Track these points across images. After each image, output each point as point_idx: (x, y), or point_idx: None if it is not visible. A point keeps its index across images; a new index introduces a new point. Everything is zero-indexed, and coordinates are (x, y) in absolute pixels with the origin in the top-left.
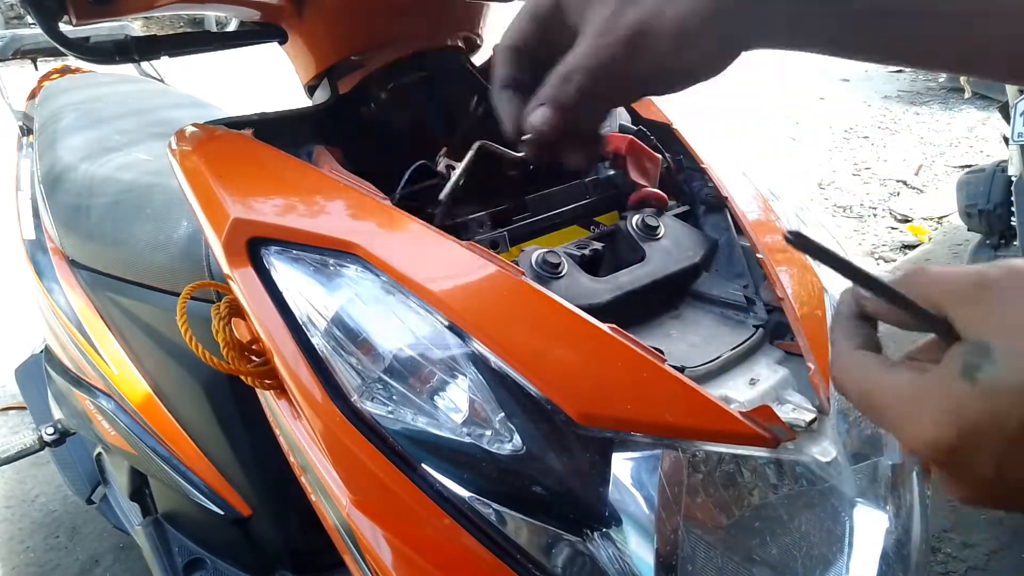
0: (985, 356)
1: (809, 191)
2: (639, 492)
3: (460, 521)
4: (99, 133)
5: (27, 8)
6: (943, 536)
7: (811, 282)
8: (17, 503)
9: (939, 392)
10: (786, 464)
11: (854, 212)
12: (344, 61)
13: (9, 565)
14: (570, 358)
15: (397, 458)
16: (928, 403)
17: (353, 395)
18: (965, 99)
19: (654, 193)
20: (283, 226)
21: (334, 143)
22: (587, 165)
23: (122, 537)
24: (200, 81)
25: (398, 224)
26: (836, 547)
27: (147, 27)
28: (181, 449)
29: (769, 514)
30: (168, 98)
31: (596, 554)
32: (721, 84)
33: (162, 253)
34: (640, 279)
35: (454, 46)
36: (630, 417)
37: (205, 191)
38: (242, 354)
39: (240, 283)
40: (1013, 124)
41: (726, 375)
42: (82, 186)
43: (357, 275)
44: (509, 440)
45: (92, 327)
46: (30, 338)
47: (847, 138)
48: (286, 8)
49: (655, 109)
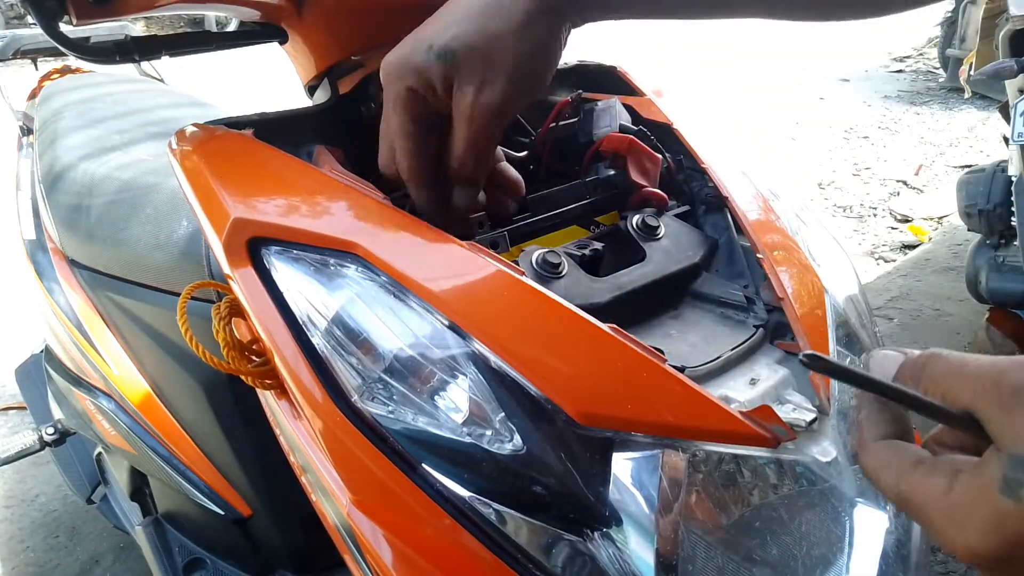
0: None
1: (809, 191)
2: (639, 492)
3: (460, 521)
4: (99, 133)
5: (27, 8)
6: None
7: (811, 282)
8: (17, 503)
9: (981, 507)
10: (786, 464)
11: (854, 212)
12: (344, 61)
13: (9, 565)
14: (570, 358)
15: (397, 458)
16: (970, 516)
17: (353, 395)
18: (965, 99)
19: (654, 193)
20: (283, 226)
21: (334, 143)
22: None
23: (122, 537)
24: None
25: (398, 224)
26: (836, 547)
27: (147, 27)
28: (181, 449)
29: (769, 514)
30: (168, 98)
31: (596, 554)
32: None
33: (162, 253)
34: (640, 279)
35: None
36: (630, 417)
37: (205, 191)
38: (242, 354)
39: (240, 283)
40: (1013, 124)
41: (726, 375)
42: (82, 186)
43: (357, 275)
44: (509, 440)
45: (92, 327)
46: (30, 338)
47: (847, 138)
48: (286, 8)
49: (655, 109)
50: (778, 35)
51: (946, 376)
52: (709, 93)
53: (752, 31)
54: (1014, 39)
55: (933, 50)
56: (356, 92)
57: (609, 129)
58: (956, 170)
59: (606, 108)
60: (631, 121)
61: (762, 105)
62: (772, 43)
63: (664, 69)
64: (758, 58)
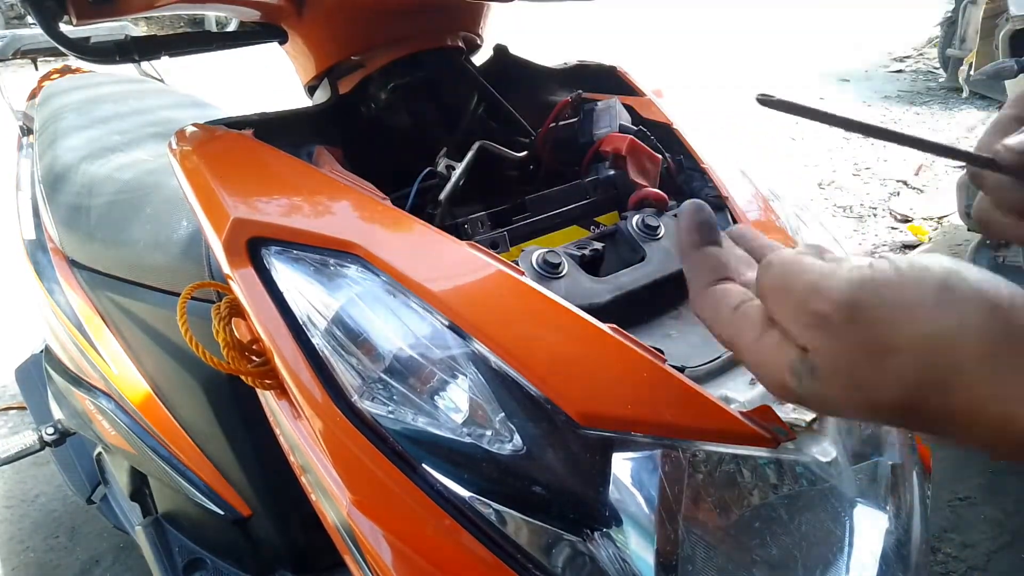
0: (809, 371)
1: (809, 191)
2: (639, 492)
3: (460, 521)
4: (99, 133)
5: (27, 8)
6: (943, 536)
7: None
8: (17, 503)
9: (780, 355)
10: (786, 464)
11: (854, 212)
12: (344, 61)
13: (9, 565)
14: (570, 358)
15: (397, 458)
16: (775, 361)
17: (353, 395)
18: (964, 99)
19: (654, 193)
20: (283, 226)
21: (334, 143)
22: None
23: (122, 537)
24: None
25: (398, 224)
26: (836, 547)
27: (147, 27)
28: (181, 449)
29: (769, 514)
30: (168, 98)
31: (596, 554)
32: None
33: (162, 253)
34: (640, 279)
35: (454, 46)
36: (630, 417)
37: (205, 191)
38: (242, 354)
39: (240, 283)
40: None
41: (726, 375)
42: (82, 186)
43: (357, 275)
44: (509, 440)
45: (92, 327)
46: (30, 338)
47: (847, 138)
48: (286, 8)
49: (655, 109)
50: (778, 35)
51: (776, 274)
52: (708, 93)
53: (752, 31)
54: (1014, 39)
55: (933, 50)
56: (356, 92)
57: (609, 129)
58: (956, 170)
59: (606, 108)
60: (631, 121)
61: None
62: (772, 43)
63: (664, 69)
64: (758, 58)
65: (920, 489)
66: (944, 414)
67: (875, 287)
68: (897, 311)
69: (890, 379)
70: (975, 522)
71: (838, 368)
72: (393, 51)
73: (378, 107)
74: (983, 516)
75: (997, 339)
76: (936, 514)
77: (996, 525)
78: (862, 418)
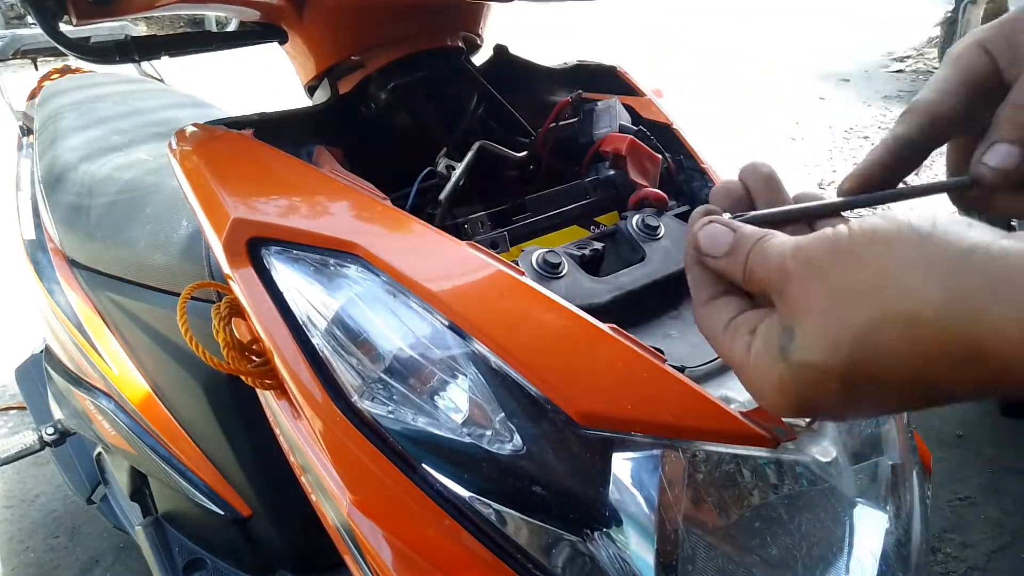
0: (790, 340)
1: None
2: (639, 492)
3: (460, 521)
4: (99, 133)
5: (27, 8)
6: (943, 536)
7: None
8: (17, 503)
9: (770, 371)
10: (786, 464)
11: (854, 212)
12: (344, 61)
13: (9, 565)
14: (570, 358)
15: (397, 458)
16: (766, 379)
17: (353, 395)
18: None
19: (654, 193)
20: (283, 226)
21: (334, 143)
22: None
23: (122, 537)
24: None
25: (398, 224)
26: (836, 547)
27: (147, 27)
28: (181, 449)
29: (769, 514)
30: (168, 98)
31: (596, 554)
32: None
33: (162, 253)
34: (640, 279)
35: (454, 46)
36: (630, 417)
37: (205, 191)
38: (242, 354)
39: (240, 283)
40: None
41: (726, 375)
42: (82, 186)
43: (357, 275)
44: (509, 440)
45: (92, 327)
46: (30, 338)
47: (847, 138)
48: (286, 8)
49: (655, 109)
50: (779, 35)
51: (757, 255)
52: (709, 93)
53: (752, 31)
54: None
55: (933, 50)
56: (356, 92)
57: (609, 129)
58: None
59: (606, 108)
60: (631, 121)
61: (762, 105)
62: (773, 43)
63: (663, 69)
64: (758, 58)
65: (920, 489)
66: (917, 353)
67: (831, 239)
68: (851, 257)
69: (861, 319)
70: (975, 522)
71: (813, 325)
72: (393, 51)
73: (378, 107)
74: (983, 516)
75: (935, 262)
76: (936, 514)
77: (996, 525)
78: (848, 390)
